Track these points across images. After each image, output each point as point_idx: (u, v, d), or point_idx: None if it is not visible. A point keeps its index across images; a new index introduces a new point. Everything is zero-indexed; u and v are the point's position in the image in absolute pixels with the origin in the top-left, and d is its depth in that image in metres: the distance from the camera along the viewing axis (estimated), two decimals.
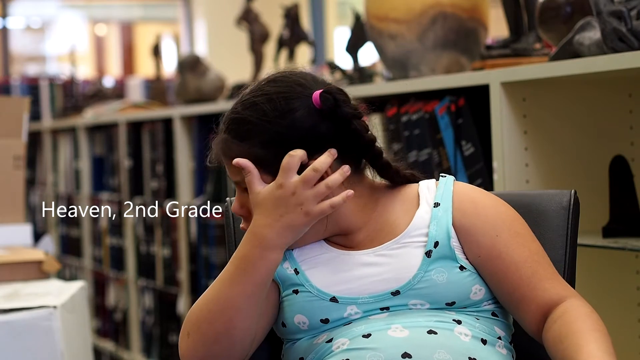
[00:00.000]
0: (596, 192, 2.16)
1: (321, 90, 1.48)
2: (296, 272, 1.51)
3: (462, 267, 1.47)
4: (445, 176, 1.55)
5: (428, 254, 1.47)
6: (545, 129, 2.14)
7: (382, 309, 1.47)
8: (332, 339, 1.46)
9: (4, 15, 9.11)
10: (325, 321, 1.48)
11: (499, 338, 1.47)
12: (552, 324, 1.43)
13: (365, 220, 1.52)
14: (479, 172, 2.20)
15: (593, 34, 1.95)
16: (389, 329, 1.42)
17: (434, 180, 1.56)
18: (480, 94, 2.16)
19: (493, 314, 1.50)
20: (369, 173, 1.56)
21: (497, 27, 2.84)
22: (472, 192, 1.53)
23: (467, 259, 1.48)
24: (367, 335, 1.42)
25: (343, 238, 1.53)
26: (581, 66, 1.91)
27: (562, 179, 2.16)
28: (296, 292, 1.50)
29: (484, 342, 1.44)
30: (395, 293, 1.46)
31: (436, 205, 1.51)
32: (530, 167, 2.13)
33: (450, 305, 1.46)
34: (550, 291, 1.46)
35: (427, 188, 1.54)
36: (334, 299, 1.48)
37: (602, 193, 2.14)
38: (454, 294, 1.46)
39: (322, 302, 1.48)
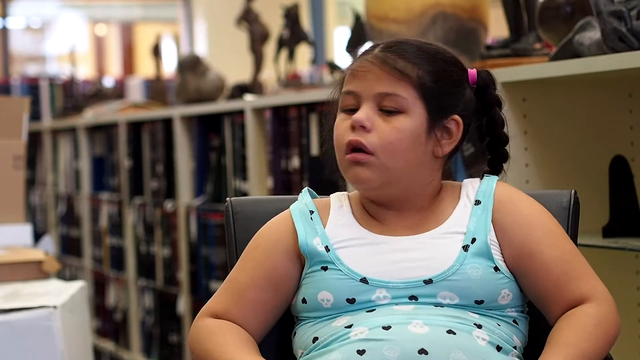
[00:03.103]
0: (596, 192, 2.16)
1: (477, 70, 1.57)
2: (327, 249, 1.50)
3: (496, 268, 1.47)
4: (489, 176, 1.57)
5: (465, 248, 1.47)
6: (545, 129, 2.14)
7: (410, 297, 1.46)
8: (352, 325, 1.45)
9: (4, 15, 9.12)
10: (352, 301, 1.47)
11: (515, 347, 1.47)
12: (558, 322, 1.46)
13: (428, 205, 1.53)
14: (479, 172, 2.19)
15: (593, 34, 1.95)
16: (410, 323, 1.42)
17: (477, 178, 1.58)
18: None
19: (514, 321, 1.50)
20: None
21: (497, 27, 2.84)
22: (512, 191, 1.55)
23: (504, 260, 1.49)
24: (387, 327, 1.41)
25: (390, 219, 1.53)
26: (581, 66, 1.91)
27: (562, 179, 2.16)
28: (325, 268, 1.49)
29: (498, 348, 1.44)
30: (428, 282, 1.46)
31: (477, 202, 1.52)
32: (530, 167, 2.13)
33: (479, 303, 1.46)
34: (575, 292, 1.47)
35: (470, 184, 1.56)
36: (364, 280, 1.47)
37: (602, 193, 2.14)
38: (485, 292, 1.46)
39: (351, 281, 1.47)
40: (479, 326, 1.44)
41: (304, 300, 1.51)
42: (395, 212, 1.53)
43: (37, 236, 4.34)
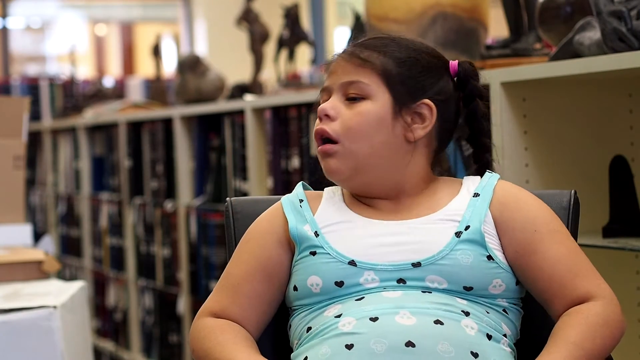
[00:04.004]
0: (596, 192, 2.16)
1: (458, 60, 1.58)
2: (316, 234, 1.52)
3: (489, 257, 1.48)
4: (491, 173, 1.58)
5: (458, 234, 1.48)
6: (545, 129, 2.14)
7: (399, 281, 1.46)
8: (341, 314, 1.45)
9: (4, 15, 9.12)
10: (340, 284, 1.47)
11: (504, 335, 1.47)
12: (562, 317, 1.46)
13: (417, 192, 1.55)
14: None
15: (593, 34, 1.95)
16: (397, 314, 1.42)
17: (478, 176, 1.59)
18: None
19: (504, 310, 1.50)
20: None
21: (497, 27, 2.84)
22: (514, 189, 1.56)
23: (503, 253, 1.49)
24: (374, 319, 1.42)
25: (382, 206, 1.54)
26: (581, 66, 1.91)
27: (562, 179, 2.16)
28: (313, 253, 1.50)
29: (488, 337, 1.44)
30: (417, 265, 1.46)
31: (476, 195, 1.53)
32: (530, 167, 2.13)
33: (468, 290, 1.46)
34: (579, 290, 1.47)
35: (471, 180, 1.58)
36: (352, 263, 1.48)
37: (602, 193, 2.14)
38: (474, 279, 1.46)
39: (339, 264, 1.48)
40: (467, 313, 1.44)
41: (295, 288, 1.52)
42: (387, 201, 1.55)
43: (37, 236, 4.34)
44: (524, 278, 1.50)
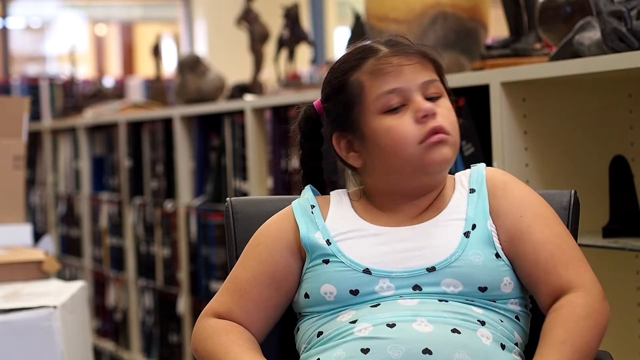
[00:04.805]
0: (596, 192, 2.16)
1: None
2: (328, 242, 1.51)
3: (497, 255, 1.48)
4: (475, 165, 1.59)
5: (466, 234, 1.48)
6: (545, 129, 2.14)
7: (414, 287, 1.46)
8: (356, 320, 1.45)
9: (4, 15, 9.11)
10: (355, 292, 1.47)
11: (516, 344, 1.48)
12: (548, 315, 1.46)
13: (433, 195, 1.55)
14: None
15: (593, 34, 1.95)
16: (415, 321, 1.42)
17: (468, 170, 1.59)
18: (480, 94, 2.16)
19: (517, 317, 1.50)
20: None
21: (497, 27, 2.84)
22: (503, 175, 1.56)
23: (502, 247, 1.50)
24: (392, 325, 1.42)
25: (397, 210, 1.54)
26: (581, 66, 1.91)
27: (562, 179, 2.16)
28: (326, 261, 1.50)
29: (502, 347, 1.44)
30: (431, 269, 1.46)
31: (472, 191, 1.54)
32: (530, 167, 2.13)
33: (483, 290, 1.46)
34: (562, 278, 1.47)
35: (462, 174, 1.58)
36: (367, 271, 1.47)
37: (602, 193, 2.14)
38: (488, 279, 1.46)
39: (354, 272, 1.48)
40: (483, 323, 1.44)
41: (306, 295, 1.51)
42: (409, 202, 1.54)
43: (37, 236, 4.34)
44: (515, 266, 1.50)
